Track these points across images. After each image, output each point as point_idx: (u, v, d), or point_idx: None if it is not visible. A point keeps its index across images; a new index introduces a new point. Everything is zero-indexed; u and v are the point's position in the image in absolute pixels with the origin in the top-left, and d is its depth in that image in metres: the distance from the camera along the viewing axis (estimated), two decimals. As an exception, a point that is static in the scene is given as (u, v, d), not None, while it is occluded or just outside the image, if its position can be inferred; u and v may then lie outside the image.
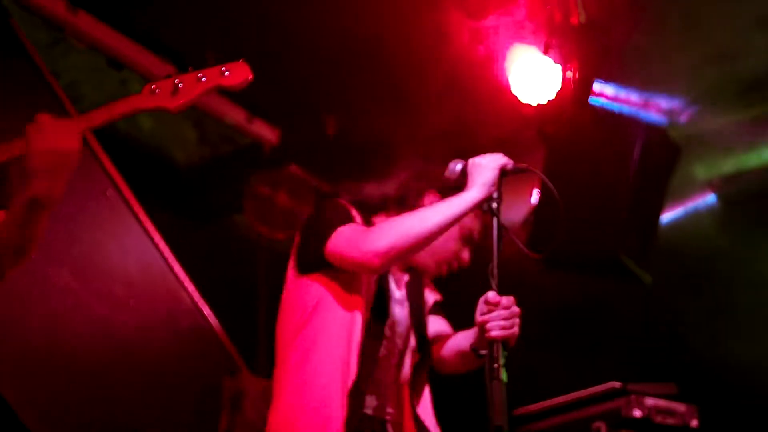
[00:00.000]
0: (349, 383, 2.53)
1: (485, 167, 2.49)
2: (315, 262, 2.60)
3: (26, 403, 3.85)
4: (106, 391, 4.19)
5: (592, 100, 4.33)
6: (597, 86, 4.34)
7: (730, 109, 4.75)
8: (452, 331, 2.94)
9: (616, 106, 4.47)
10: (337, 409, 2.49)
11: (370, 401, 2.63)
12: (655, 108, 4.54)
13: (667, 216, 4.94)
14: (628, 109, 4.50)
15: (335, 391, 2.51)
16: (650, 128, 4.48)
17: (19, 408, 3.79)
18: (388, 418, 2.68)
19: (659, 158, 4.56)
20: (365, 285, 2.64)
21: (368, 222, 2.74)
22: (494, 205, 2.47)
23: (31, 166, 2.07)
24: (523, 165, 2.55)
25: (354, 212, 2.67)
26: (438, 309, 2.97)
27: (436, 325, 2.93)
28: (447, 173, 2.58)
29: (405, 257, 2.58)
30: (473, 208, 2.50)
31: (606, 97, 4.43)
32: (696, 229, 5.03)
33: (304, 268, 2.66)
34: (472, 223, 2.78)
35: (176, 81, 2.21)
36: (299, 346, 2.60)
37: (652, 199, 4.61)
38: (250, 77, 2.24)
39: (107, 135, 4.74)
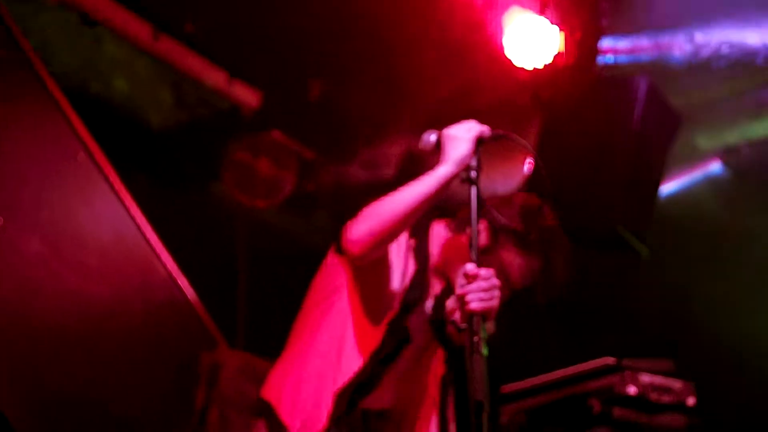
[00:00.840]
0: (343, 381, 2.59)
1: (459, 139, 2.49)
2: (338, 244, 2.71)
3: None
4: (76, 365, 4.13)
5: (600, 59, 4.28)
6: (603, 44, 4.28)
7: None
8: None
9: (626, 59, 4.42)
10: (324, 407, 2.58)
11: (373, 396, 2.68)
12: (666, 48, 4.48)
13: (667, 187, 4.90)
14: (640, 57, 4.44)
15: (326, 387, 2.60)
16: (651, 95, 4.42)
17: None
18: (382, 407, 2.73)
19: (660, 126, 4.53)
20: (402, 277, 2.69)
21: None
22: (473, 174, 2.45)
23: None
24: (500, 132, 2.54)
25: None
26: None
27: None
28: (421, 145, 2.58)
29: (385, 241, 2.58)
30: (449, 183, 2.50)
31: (615, 52, 4.38)
32: (697, 201, 4.99)
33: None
34: (506, 268, 2.72)
35: None
36: (307, 328, 2.71)
37: (651, 169, 4.58)
38: None
39: (78, 96, 4.70)
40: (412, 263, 2.71)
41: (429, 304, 2.63)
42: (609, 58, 4.42)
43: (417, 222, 2.72)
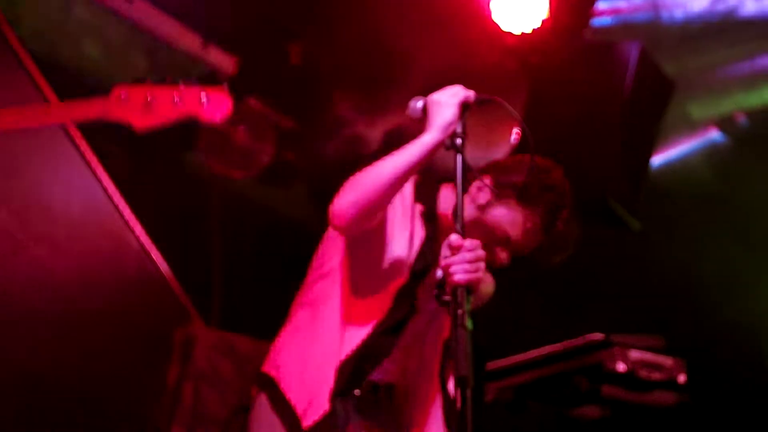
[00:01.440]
0: (346, 353, 2.55)
1: (444, 105, 2.46)
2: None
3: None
4: (44, 341, 4.09)
5: (590, 22, 4.22)
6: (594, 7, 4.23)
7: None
8: None
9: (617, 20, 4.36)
10: (327, 382, 2.54)
11: (380, 369, 2.65)
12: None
13: (659, 157, 4.86)
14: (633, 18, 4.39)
15: (331, 361, 2.56)
16: (643, 61, 4.36)
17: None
18: (390, 380, 2.68)
19: (652, 94, 4.49)
20: (408, 245, 2.65)
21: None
22: (458, 141, 2.42)
23: None
24: (486, 96, 2.50)
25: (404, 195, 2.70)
26: None
27: None
28: (408, 112, 2.55)
29: (371, 212, 2.54)
30: (434, 151, 2.48)
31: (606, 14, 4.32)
32: (690, 171, 4.96)
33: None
34: (506, 224, 2.66)
35: (149, 97, 2.21)
36: (309, 300, 2.67)
37: (643, 139, 4.55)
38: (230, 112, 2.24)
39: (49, 63, 4.61)
40: (420, 230, 2.68)
41: (439, 272, 2.57)
42: (601, 20, 4.36)
43: (425, 187, 2.72)
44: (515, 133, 4.69)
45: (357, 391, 2.56)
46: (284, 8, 4.68)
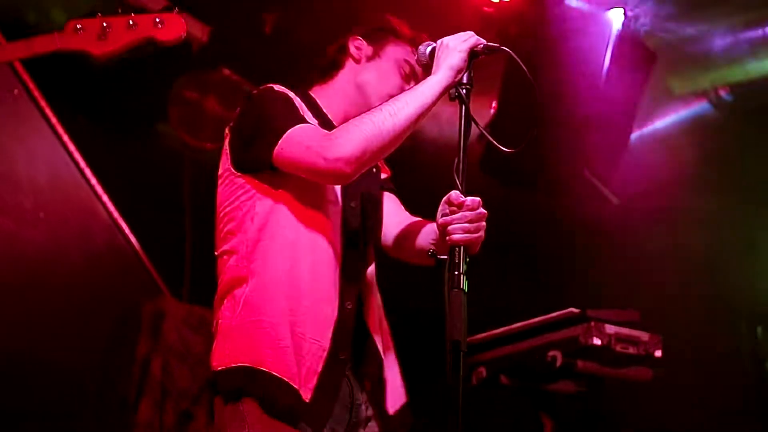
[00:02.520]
0: (335, 308, 2.41)
1: (452, 49, 2.42)
2: (258, 165, 2.43)
3: None
4: (11, 313, 4.11)
5: None
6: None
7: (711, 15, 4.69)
8: (406, 212, 2.79)
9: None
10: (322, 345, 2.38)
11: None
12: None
13: (639, 132, 4.91)
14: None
15: (320, 323, 2.39)
16: (624, 31, 4.40)
17: None
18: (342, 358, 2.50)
19: (633, 66, 4.54)
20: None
21: (312, 105, 2.60)
22: (463, 91, 2.39)
23: None
24: (494, 45, 2.45)
25: (297, 100, 2.52)
26: (389, 184, 2.82)
27: (388, 205, 2.78)
28: (417, 57, 2.54)
29: (377, 160, 2.48)
30: (442, 94, 2.40)
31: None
32: (670, 145, 5.00)
33: (245, 167, 2.47)
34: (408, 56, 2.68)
35: (104, 24, 2.27)
36: (251, 268, 2.41)
37: (623, 113, 4.60)
38: (184, 34, 2.29)
39: (15, 29, 4.57)
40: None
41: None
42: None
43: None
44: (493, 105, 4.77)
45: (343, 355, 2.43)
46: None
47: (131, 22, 2.27)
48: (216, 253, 2.54)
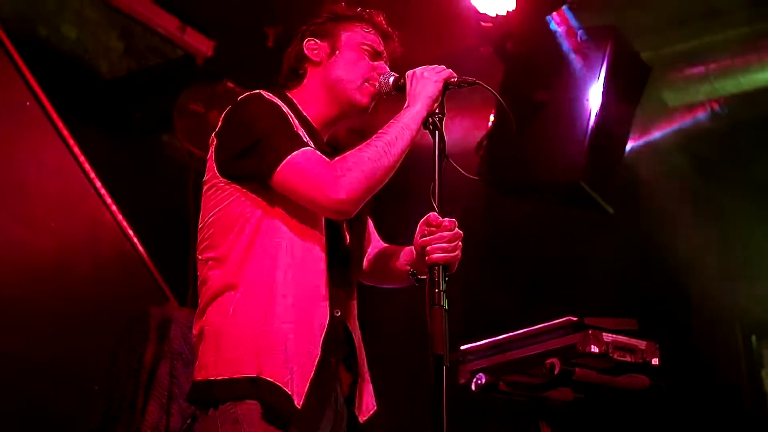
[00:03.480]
0: (324, 316, 2.44)
1: (427, 80, 2.49)
2: (252, 179, 2.45)
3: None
4: (20, 318, 4.17)
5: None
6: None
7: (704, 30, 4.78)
8: (379, 238, 2.86)
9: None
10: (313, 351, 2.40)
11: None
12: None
13: (634, 143, 5.00)
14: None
15: (310, 328, 2.42)
16: (619, 45, 4.49)
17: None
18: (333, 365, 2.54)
19: (628, 79, 4.61)
20: None
21: (293, 108, 2.59)
22: (436, 119, 2.47)
23: None
24: (469, 78, 2.53)
25: (284, 107, 2.53)
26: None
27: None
28: (378, 86, 2.58)
29: (373, 194, 2.51)
30: (420, 124, 2.48)
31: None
32: (664, 156, 5.07)
33: (234, 175, 2.46)
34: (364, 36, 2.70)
35: None
36: (241, 275, 2.43)
37: (618, 124, 4.67)
38: None
39: (27, 42, 4.71)
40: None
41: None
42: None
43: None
44: (492, 116, 4.86)
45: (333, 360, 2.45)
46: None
47: None
48: (200, 257, 2.53)
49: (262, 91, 2.55)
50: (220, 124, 2.55)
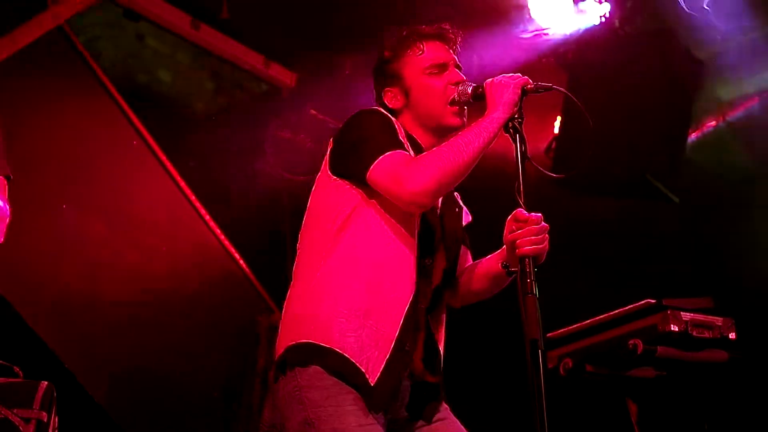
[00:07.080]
0: (405, 302, 2.52)
1: (505, 86, 2.56)
2: (352, 177, 2.59)
3: (69, 350, 4.11)
4: (142, 336, 4.42)
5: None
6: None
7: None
8: (471, 259, 2.93)
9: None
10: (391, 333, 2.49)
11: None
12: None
13: (695, 135, 5.10)
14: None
15: (389, 313, 2.50)
16: (677, 44, 4.64)
17: (62, 355, 4.06)
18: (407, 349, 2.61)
19: (684, 75, 4.72)
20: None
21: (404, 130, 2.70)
22: (517, 123, 2.54)
23: None
24: (545, 84, 2.60)
25: (397, 123, 2.67)
26: (466, 234, 2.94)
27: (461, 259, 2.91)
28: (457, 95, 2.65)
29: (449, 189, 2.64)
30: (500, 128, 2.55)
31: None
32: (725, 148, 5.19)
33: (339, 172, 2.61)
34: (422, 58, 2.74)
35: None
36: (329, 258, 2.54)
37: (678, 118, 4.78)
38: None
39: (129, 89, 4.97)
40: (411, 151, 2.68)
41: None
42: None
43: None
44: (558, 123, 5.05)
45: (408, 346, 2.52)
46: (335, 27, 4.95)
47: None
48: (297, 246, 2.65)
49: (379, 108, 2.68)
50: (338, 129, 2.70)
